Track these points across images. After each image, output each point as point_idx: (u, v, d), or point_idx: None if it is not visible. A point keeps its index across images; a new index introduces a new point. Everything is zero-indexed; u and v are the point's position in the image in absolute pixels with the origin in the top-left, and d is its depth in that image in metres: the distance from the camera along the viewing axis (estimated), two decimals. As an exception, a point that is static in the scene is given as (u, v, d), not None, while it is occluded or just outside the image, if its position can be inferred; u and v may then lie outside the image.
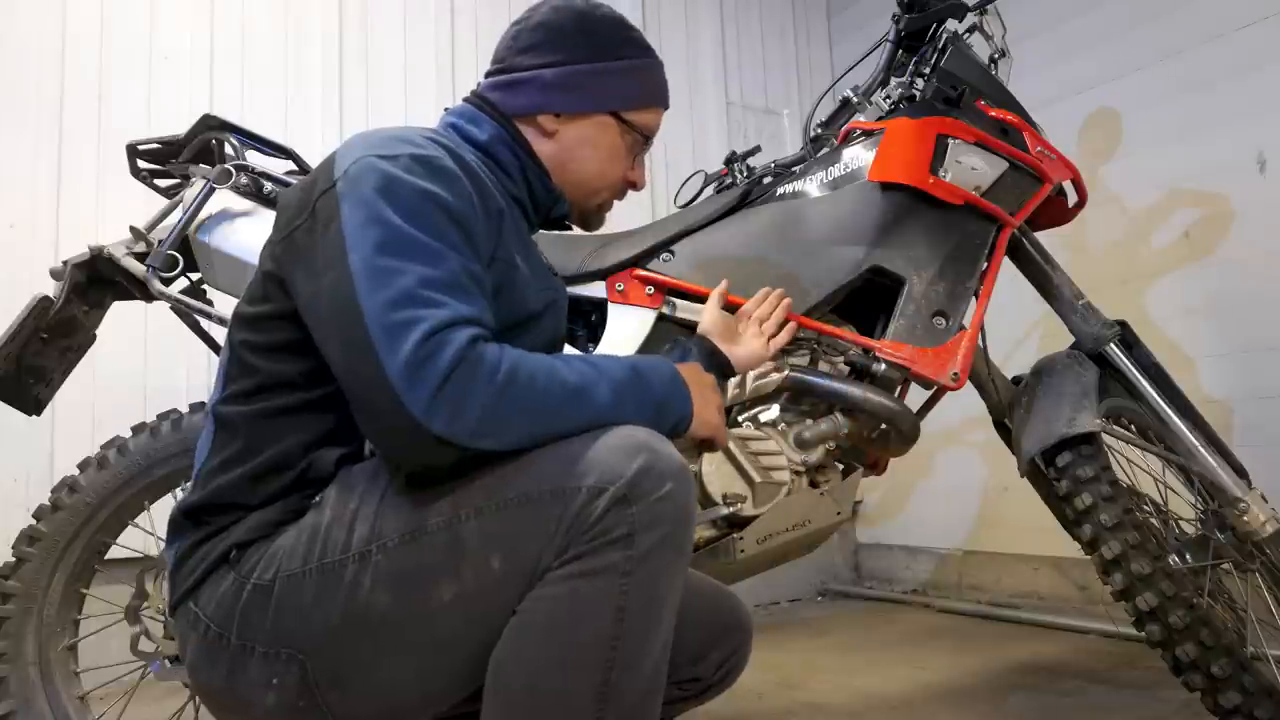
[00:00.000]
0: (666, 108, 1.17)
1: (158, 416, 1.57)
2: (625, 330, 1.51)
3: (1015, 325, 2.81)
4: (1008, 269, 1.68)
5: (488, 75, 1.11)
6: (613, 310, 1.52)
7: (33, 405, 1.58)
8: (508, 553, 0.81)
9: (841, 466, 1.56)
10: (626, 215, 2.13)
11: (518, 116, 1.08)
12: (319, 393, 0.92)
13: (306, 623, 0.84)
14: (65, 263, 1.54)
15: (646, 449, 0.82)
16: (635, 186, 1.17)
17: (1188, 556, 1.55)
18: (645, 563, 0.80)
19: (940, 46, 1.68)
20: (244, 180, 1.56)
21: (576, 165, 1.10)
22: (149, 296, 1.55)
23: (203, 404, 1.58)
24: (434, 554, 0.83)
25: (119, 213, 2.23)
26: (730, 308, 1.51)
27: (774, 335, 1.41)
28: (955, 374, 1.48)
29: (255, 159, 1.61)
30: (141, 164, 1.65)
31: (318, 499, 0.90)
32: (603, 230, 1.55)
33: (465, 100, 1.10)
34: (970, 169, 1.55)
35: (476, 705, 0.83)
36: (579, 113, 1.08)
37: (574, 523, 0.80)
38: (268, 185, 1.58)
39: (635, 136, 1.13)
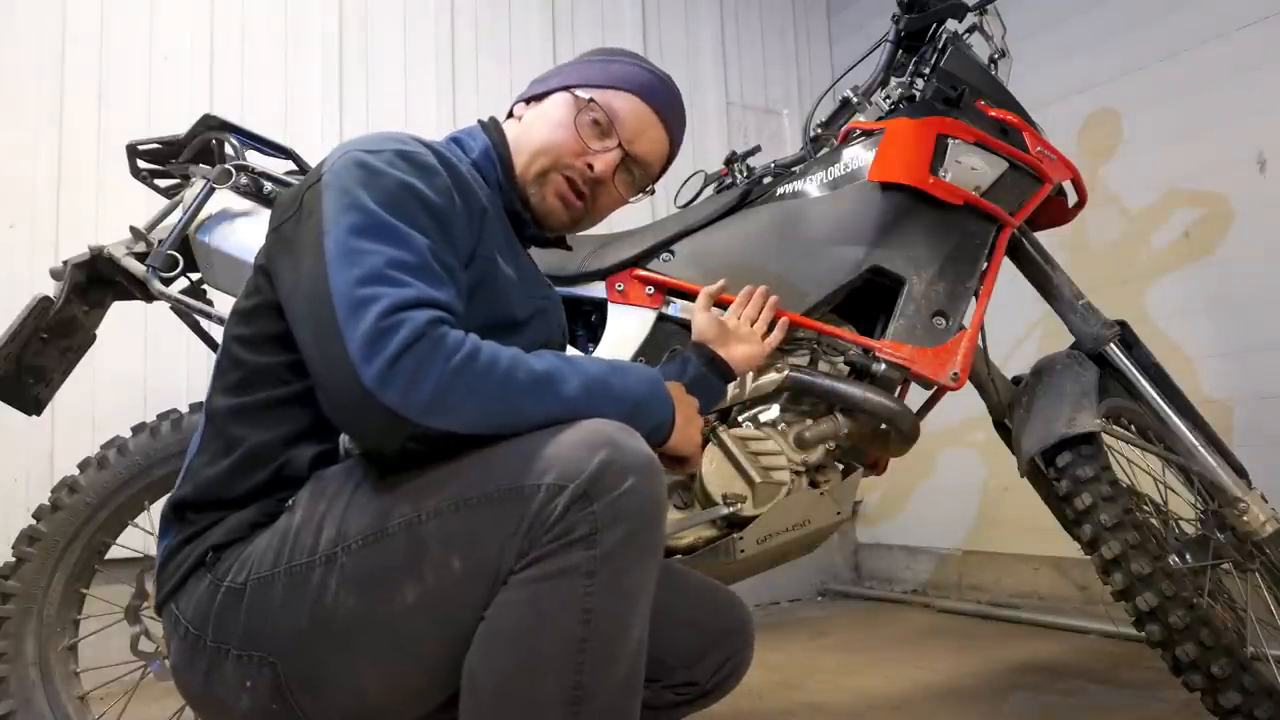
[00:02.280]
0: (647, 102, 1.11)
1: (158, 416, 1.57)
2: (625, 330, 1.51)
3: (1015, 325, 2.81)
4: (1008, 269, 1.68)
5: None
6: (613, 310, 1.52)
7: (33, 405, 1.58)
8: (468, 553, 0.80)
9: (841, 466, 1.56)
10: (627, 215, 2.12)
11: (508, 121, 1.15)
12: (299, 386, 0.92)
13: (276, 626, 0.84)
14: (65, 263, 1.54)
15: (610, 443, 0.80)
16: (593, 169, 1.08)
17: (1188, 556, 1.55)
18: (609, 562, 0.78)
19: (940, 46, 1.68)
20: (244, 180, 1.56)
21: (527, 137, 1.10)
22: (149, 296, 1.56)
23: (202, 403, 1.58)
24: (396, 555, 0.82)
25: (119, 213, 2.23)
26: (722, 306, 1.51)
27: (766, 334, 1.38)
28: (955, 374, 1.48)
29: (255, 159, 1.61)
30: (141, 164, 1.65)
31: (290, 502, 0.90)
32: (603, 230, 1.55)
33: (479, 121, 1.15)
34: (970, 169, 1.55)
35: (455, 711, 0.82)
36: (539, 95, 1.13)
37: (534, 522, 0.78)
38: (268, 185, 1.58)
39: (591, 112, 1.08)
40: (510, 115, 1.17)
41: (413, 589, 0.81)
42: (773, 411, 1.48)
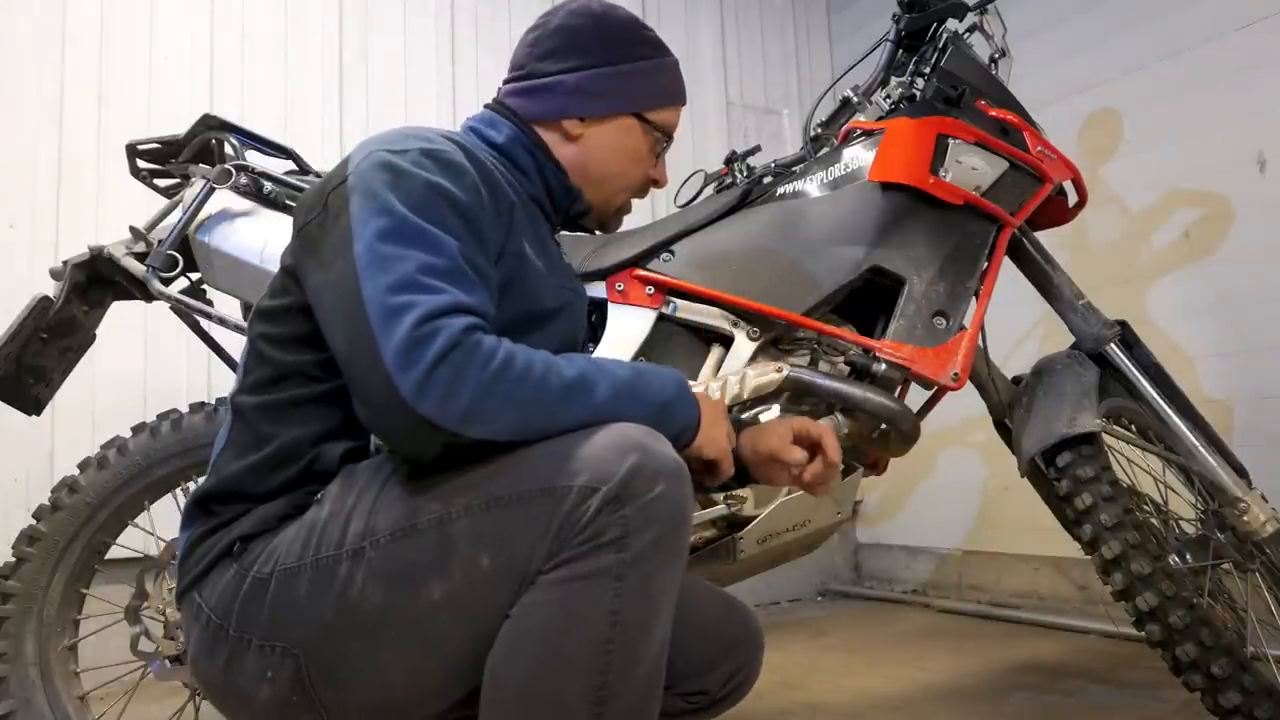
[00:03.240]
0: (684, 103, 1.18)
1: (158, 416, 1.57)
2: (625, 330, 1.51)
3: (1015, 325, 2.81)
4: (1008, 269, 1.67)
5: (507, 81, 1.12)
6: (613, 310, 1.52)
7: (33, 405, 1.58)
8: (497, 552, 0.81)
9: (841, 466, 1.56)
10: (627, 215, 2.12)
11: (539, 121, 1.09)
12: (330, 385, 0.92)
13: (300, 618, 0.85)
14: (65, 263, 1.54)
15: (640, 448, 0.80)
16: (658, 184, 1.18)
17: (1188, 556, 1.55)
18: (638, 565, 0.79)
19: (940, 46, 1.68)
20: (244, 180, 1.56)
21: (599, 167, 1.11)
22: (149, 296, 1.56)
23: (203, 404, 1.59)
24: (424, 551, 0.82)
25: (119, 213, 2.23)
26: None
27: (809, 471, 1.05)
28: (955, 374, 1.48)
29: (255, 159, 1.61)
30: (141, 164, 1.65)
31: (319, 495, 0.91)
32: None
33: (486, 107, 1.12)
34: (970, 169, 1.55)
35: (475, 708, 0.83)
36: (602, 116, 1.10)
37: (565, 524, 0.79)
38: (268, 185, 1.58)
39: (657, 136, 1.14)
40: (547, 122, 1.08)
41: (440, 586, 0.82)
42: (773, 412, 1.48)
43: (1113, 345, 1.68)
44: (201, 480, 0.98)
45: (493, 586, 0.81)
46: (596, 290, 1.53)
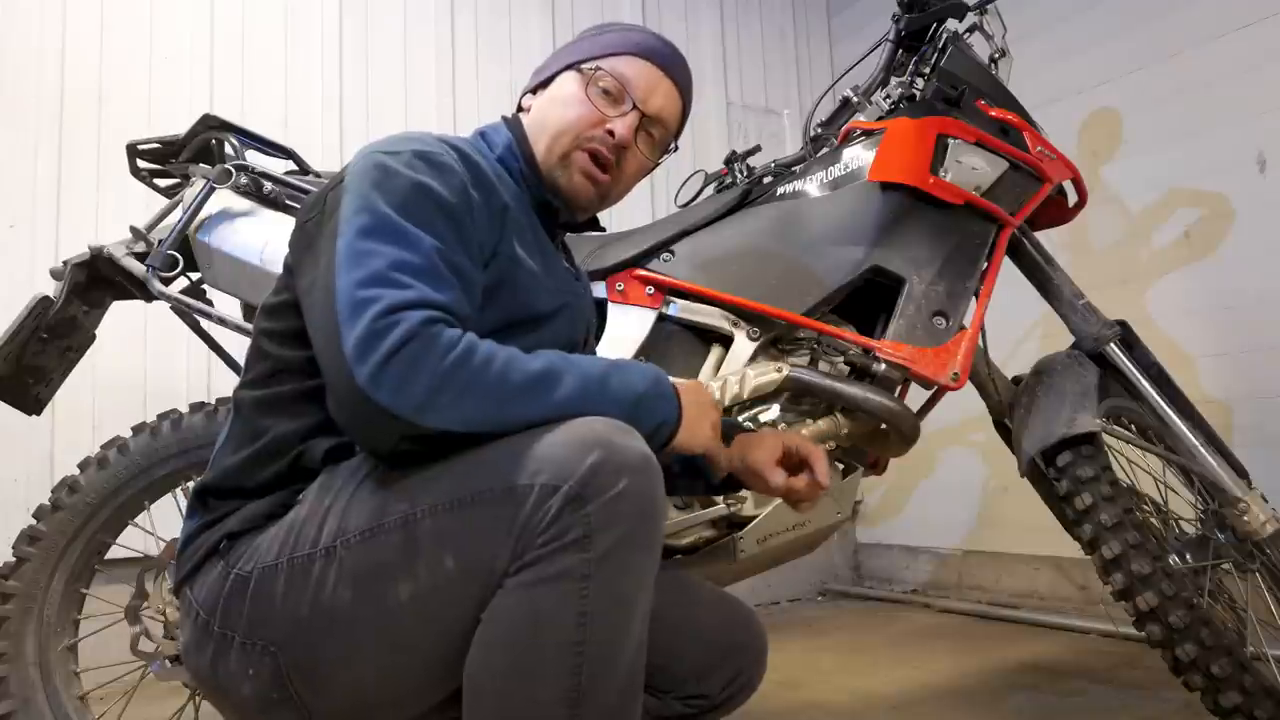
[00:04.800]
0: (650, 61, 1.10)
1: (158, 416, 1.57)
2: (625, 330, 1.51)
3: (1015, 325, 2.81)
4: (1008, 269, 1.67)
5: None
6: (613, 310, 1.52)
7: (33, 405, 1.58)
8: (461, 553, 0.80)
9: (841, 466, 1.56)
10: (627, 215, 2.12)
11: (520, 114, 1.14)
12: (317, 381, 0.92)
13: (278, 616, 0.86)
14: (65, 263, 1.54)
15: (602, 443, 0.79)
16: (613, 134, 1.06)
17: (1188, 556, 1.55)
18: (605, 564, 0.77)
19: (940, 46, 1.68)
20: (244, 180, 1.56)
21: (539, 122, 1.09)
22: (149, 296, 1.56)
23: (203, 404, 1.59)
24: (391, 551, 0.83)
25: (119, 213, 2.23)
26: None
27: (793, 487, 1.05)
28: (955, 374, 1.48)
29: (255, 159, 1.61)
30: (141, 164, 1.65)
31: (302, 495, 0.92)
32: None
33: (503, 117, 1.15)
34: (970, 169, 1.55)
35: (458, 711, 0.83)
36: (545, 83, 1.12)
37: (527, 525, 0.78)
38: (268, 185, 1.58)
39: (601, 83, 1.07)
40: (520, 110, 1.15)
41: (406, 585, 0.82)
42: (773, 412, 1.48)
43: (1112, 345, 1.68)
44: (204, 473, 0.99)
45: (459, 587, 0.81)
46: (596, 290, 1.53)
